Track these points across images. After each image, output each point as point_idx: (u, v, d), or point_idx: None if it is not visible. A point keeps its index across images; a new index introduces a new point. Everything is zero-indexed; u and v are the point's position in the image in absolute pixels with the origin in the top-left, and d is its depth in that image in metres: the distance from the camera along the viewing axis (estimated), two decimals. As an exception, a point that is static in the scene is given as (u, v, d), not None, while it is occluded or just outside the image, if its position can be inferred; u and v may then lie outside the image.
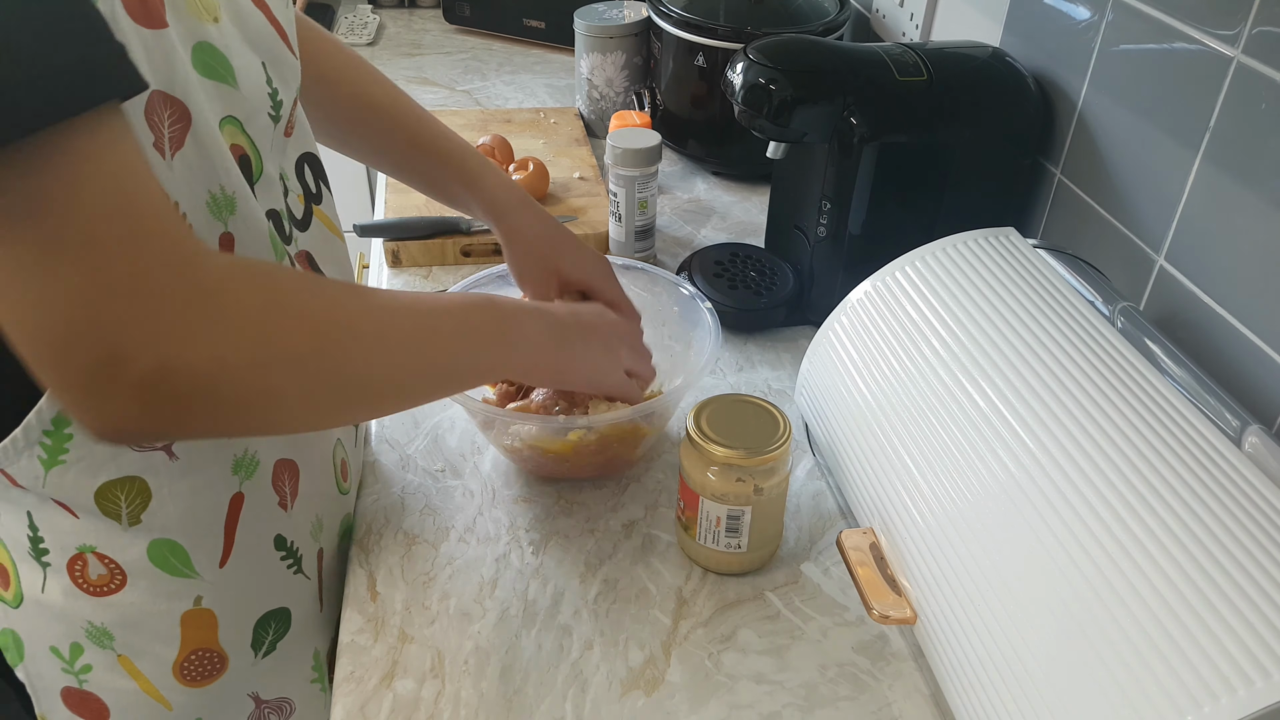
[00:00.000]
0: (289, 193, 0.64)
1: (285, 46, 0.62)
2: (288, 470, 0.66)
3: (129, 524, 0.59)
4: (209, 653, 0.65)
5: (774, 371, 0.94)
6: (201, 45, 0.53)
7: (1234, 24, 0.68)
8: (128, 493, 0.58)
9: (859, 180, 0.88)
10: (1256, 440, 0.54)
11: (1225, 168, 0.70)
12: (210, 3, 0.54)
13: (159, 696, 0.65)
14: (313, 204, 0.68)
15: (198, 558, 0.62)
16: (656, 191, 1.04)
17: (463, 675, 0.65)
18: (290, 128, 0.64)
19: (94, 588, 0.60)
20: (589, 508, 0.78)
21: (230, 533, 0.62)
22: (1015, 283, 0.68)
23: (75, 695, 0.65)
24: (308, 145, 0.68)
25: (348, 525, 0.75)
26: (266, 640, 0.67)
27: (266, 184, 0.60)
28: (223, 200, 0.54)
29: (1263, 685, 0.43)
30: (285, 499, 0.66)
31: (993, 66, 0.92)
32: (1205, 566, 0.48)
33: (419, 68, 1.61)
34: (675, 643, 0.67)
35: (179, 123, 0.50)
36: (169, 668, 0.64)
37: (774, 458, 0.67)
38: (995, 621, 0.54)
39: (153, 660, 0.64)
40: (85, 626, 0.62)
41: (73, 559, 0.60)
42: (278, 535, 0.66)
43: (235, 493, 0.62)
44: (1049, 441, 0.57)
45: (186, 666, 0.64)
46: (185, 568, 0.61)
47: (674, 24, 1.20)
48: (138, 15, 0.47)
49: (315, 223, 0.68)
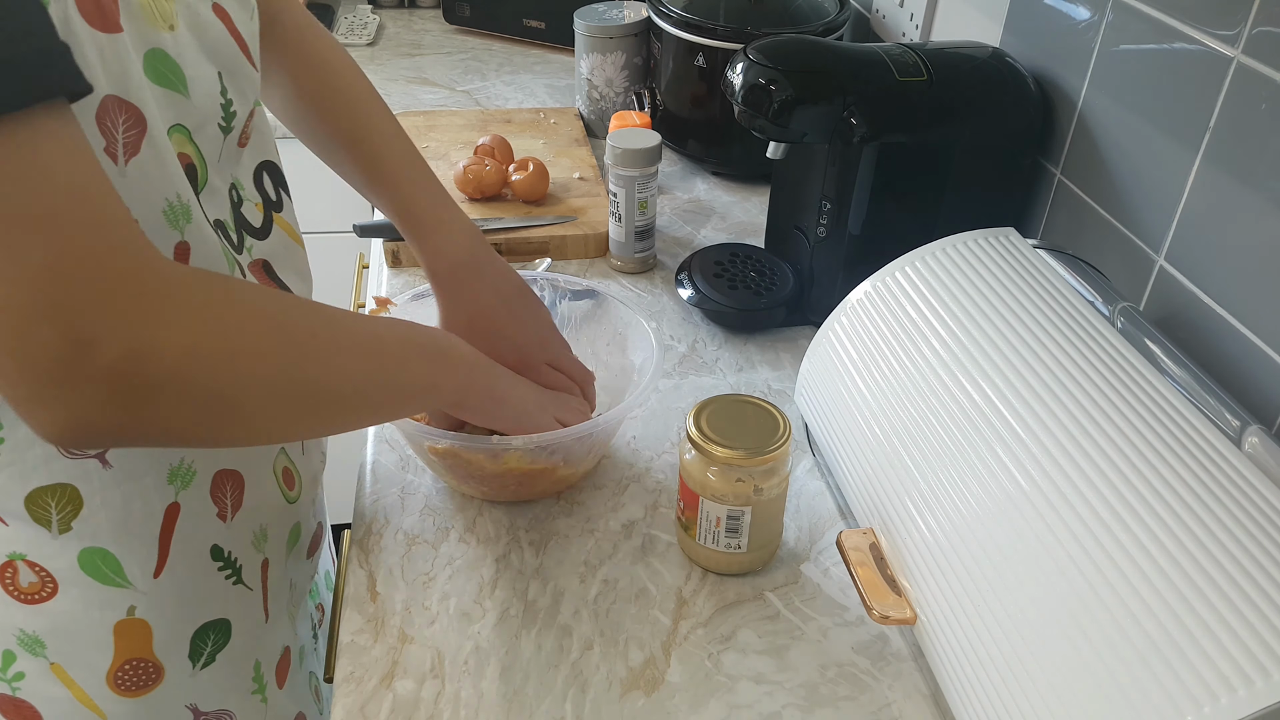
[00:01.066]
0: (243, 202, 0.63)
1: (245, 58, 0.62)
2: (230, 480, 0.64)
3: (59, 531, 0.58)
4: (144, 663, 0.64)
5: (774, 371, 0.94)
6: (154, 52, 0.53)
7: (1234, 24, 0.68)
8: (58, 500, 0.57)
9: (859, 180, 0.88)
10: (1256, 440, 0.54)
11: (1225, 168, 0.70)
12: (166, 10, 0.54)
13: (93, 706, 0.63)
14: (273, 211, 0.67)
15: (130, 567, 0.60)
16: (656, 191, 1.04)
17: (463, 675, 0.65)
18: (246, 137, 0.63)
19: (25, 595, 0.59)
20: (589, 508, 0.78)
21: (165, 543, 0.61)
22: (1015, 283, 0.68)
23: (8, 703, 0.64)
24: (267, 153, 0.67)
25: (296, 534, 0.74)
26: (205, 651, 0.66)
27: (211, 194, 0.59)
28: (179, 208, 0.53)
29: (1263, 685, 0.43)
30: (225, 510, 0.64)
31: (993, 66, 0.92)
32: (1205, 566, 0.48)
33: (419, 68, 1.61)
34: (675, 643, 0.67)
35: (134, 128, 0.50)
36: (103, 677, 0.63)
37: (774, 458, 0.67)
38: (995, 621, 0.54)
39: (86, 669, 0.62)
40: (17, 634, 0.61)
41: (3, 565, 0.58)
42: (214, 546, 0.64)
43: (171, 502, 0.61)
44: (1049, 442, 0.57)
45: (121, 676, 0.63)
46: (117, 577, 0.60)
47: (674, 24, 1.20)
48: (92, 19, 0.47)
49: (276, 230, 0.67)
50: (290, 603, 0.75)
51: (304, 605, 0.80)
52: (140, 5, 0.52)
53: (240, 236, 0.63)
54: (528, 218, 1.11)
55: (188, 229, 0.54)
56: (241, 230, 0.63)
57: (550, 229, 1.09)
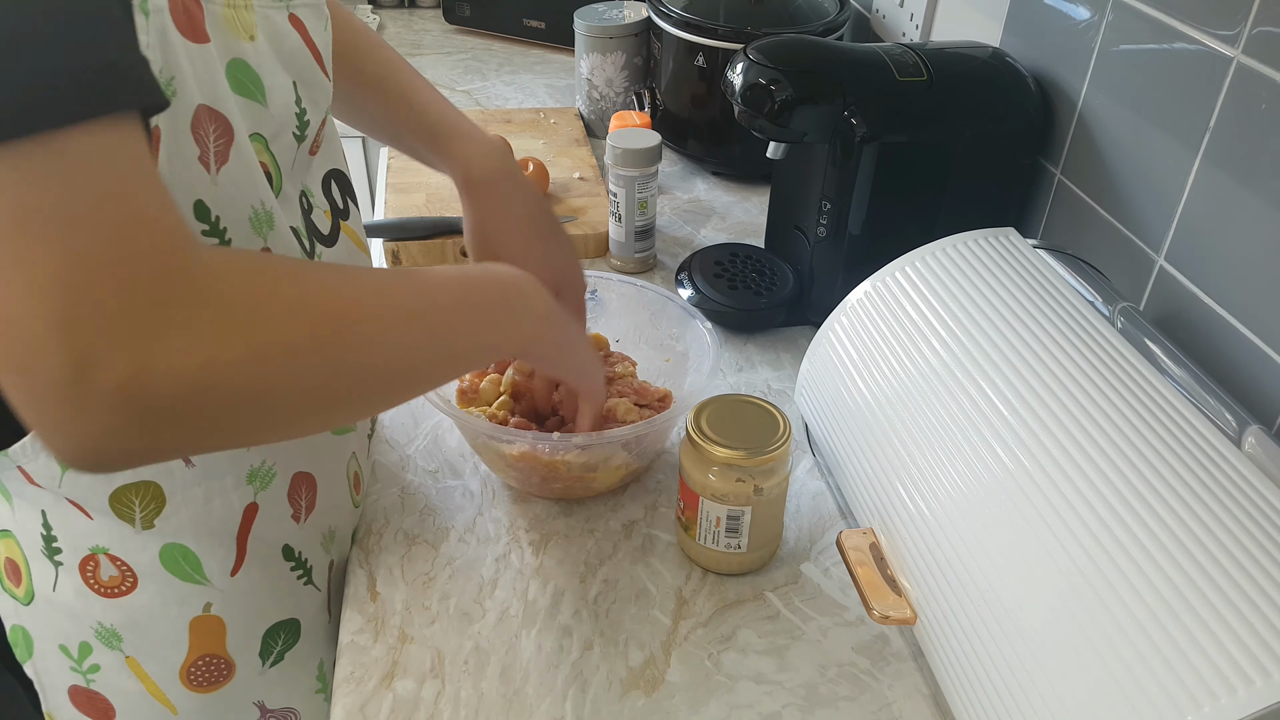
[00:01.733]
0: (313, 209, 0.64)
1: (319, 68, 0.62)
2: (305, 483, 0.66)
3: (142, 527, 0.59)
4: (216, 659, 0.65)
5: (774, 371, 0.94)
6: (236, 62, 0.53)
7: (1234, 24, 0.68)
8: (142, 497, 0.57)
9: (859, 180, 0.88)
10: (1256, 440, 0.55)
11: (1225, 168, 0.70)
12: (248, 21, 0.55)
13: (164, 700, 0.65)
14: (340, 219, 0.67)
15: (209, 565, 0.62)
16: (656, 192, 1.04)
17: (463, 675, 0.65)
18: (317, 146, 0.64)
19: (105, 588, 0.61)
20: (589, 507, 0.78)
21: (243, 542, 0.63)
22: (1015, 283, 0.68)
23: (82, 694, 0.65)
24: (335, 162, 0.67)
25: (356, 537, 0.75)
26: (275, 650, 0.68)
27: (285, 201, 0.59)
28: (263, 216, 0.54)
29: (1263, 685, 0.43)
30: (299, 511, 0.66)
31: (993, 66, 0.92)
32: (1205, 566, 0.48)
33: (419, 68, 1.60)
34: (675, 643, 0.67)
35: (223, 137, 0.50)
36: (176, 672, 0.64)
37: (774, 458, 0.67)
38: (995, 621, 0.54)
39: (160, 663, 0.64)
40: (95, 626, 0.62)
41: (85, 559, 0.60)
42: (286, 546, 0.66)
43: (250, 502, 0.62)
44: (1049, 441, 0.57)
45: (193, 672, 0.65)
46: (196, 574, 0.62)
47: (674, 24, 1.20)
48: (185, 30, 0.47)
49: (342, 238, 0.68)
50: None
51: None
52: (224, 16, 0.52)
53: (311, 244, 0.63)
54: (528, 218, 1.11)
55: (270, 235, 0.55)
56: (312, 237, 0.63)
57: (550, 229, 1.09)
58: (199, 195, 0.49)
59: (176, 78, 0.47)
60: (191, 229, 0.49)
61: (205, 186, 0.49)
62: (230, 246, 0.53)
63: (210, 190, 0.49)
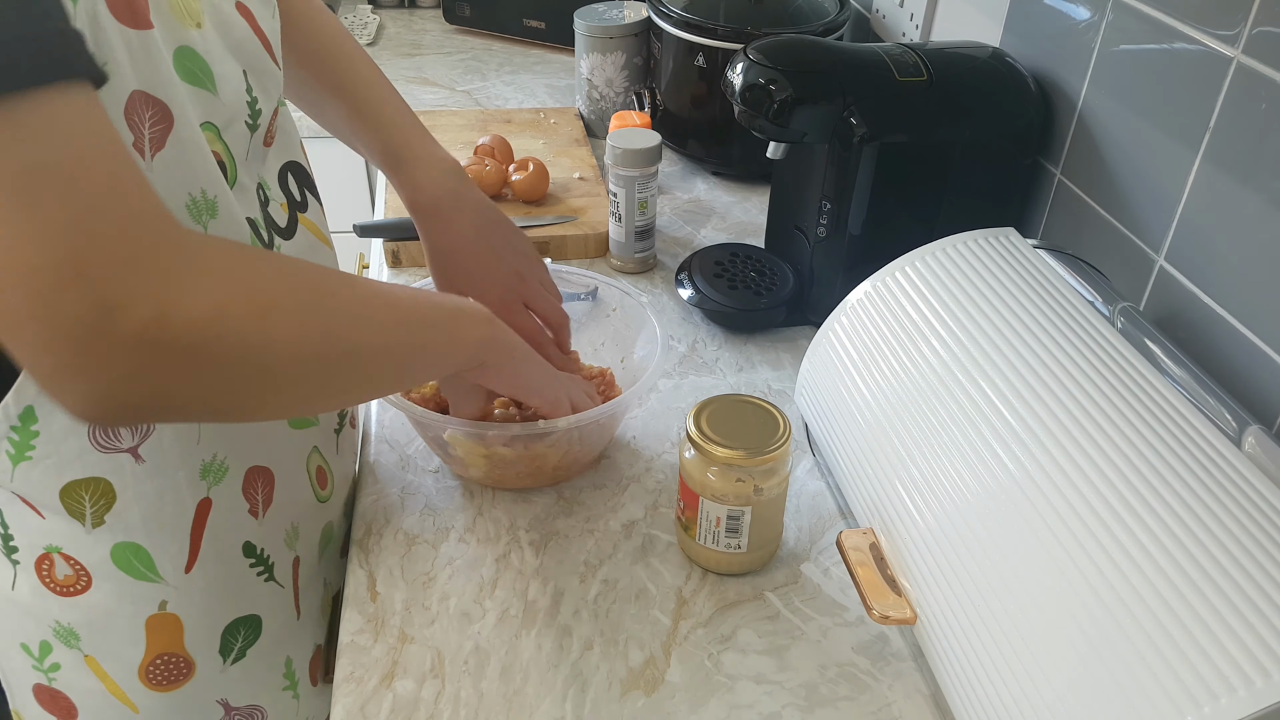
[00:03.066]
0: (270, 201, 0.64)
1: (268, 56, 0.62)
2: (261, 477, 0.65)
3: (93, 525, 0.58)
4: (175, 657, 0.64)
5: (774, 371, 0.94)
6: (183, 50, 0.53)
7: (1234, 24, 0.68)
8: (92, 493, 0.57)
9: (859, 180, 0.88)
10: (1256, 440, 0.55)
11: (1225, 168, 0.70)
12: (194, 8, 0.54)
13: (125, 699, 0.64)
14: (298, 212, 0.67)
15: (162, 562, 0.61)
16: (656, 191, 1.04)
17: (463, 675, 0.65)
18: (270, 137, 0.63)
19: (61, 587, 0.60)
20: (589, 508, 0.78)
21: (197, 538, 0.62)
22: (1015, 283, 0.68)
23: (45, 692, 0.65)
24: (292, 154, 0.67)
25: (330, 534, 0.75)
26: (236, 647, 0.67)
27: (241, 192, 0.59)
28: (203, 204, 0.54)
29: (1263, 685, 0.43)
30: (256, 506, 0.65)
31: (993, 66, 0.92)
32: (1205, 566, 0.48)
33: (419, 68, 1.61)
34: (675, 643, 0.67)
35: (160, 124, 0.50)
36: (134, 670, 0.64)
37: (774, 458, 0.67)
38: (995, 621, 0.54)
39: (118, 662, 0.63)
40: (53, 625, 0.62)
41: (40, 558, 0.59)
42: (246, 542, 0.65)
43: (203, 498, 0.61)
44: (1049, 442, 0.57)
45: (152, 670, 0.64)
46: (149, 571, 0.61)
47: (674, 24, 1.20)
48: (122, 15, 0.47)
49: (301, 230, 0.67)
50: (326, 601, 0.76)
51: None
52: (169, 3, 0.52)
53: (270, 236, 0.63)
54: (528, 218, 1.11)
55: (211, 224, 0.55)
56: (270, 230, 0.63)
57: (550, 229, 1.09)
58: None
59: (110, 63, 0.47)
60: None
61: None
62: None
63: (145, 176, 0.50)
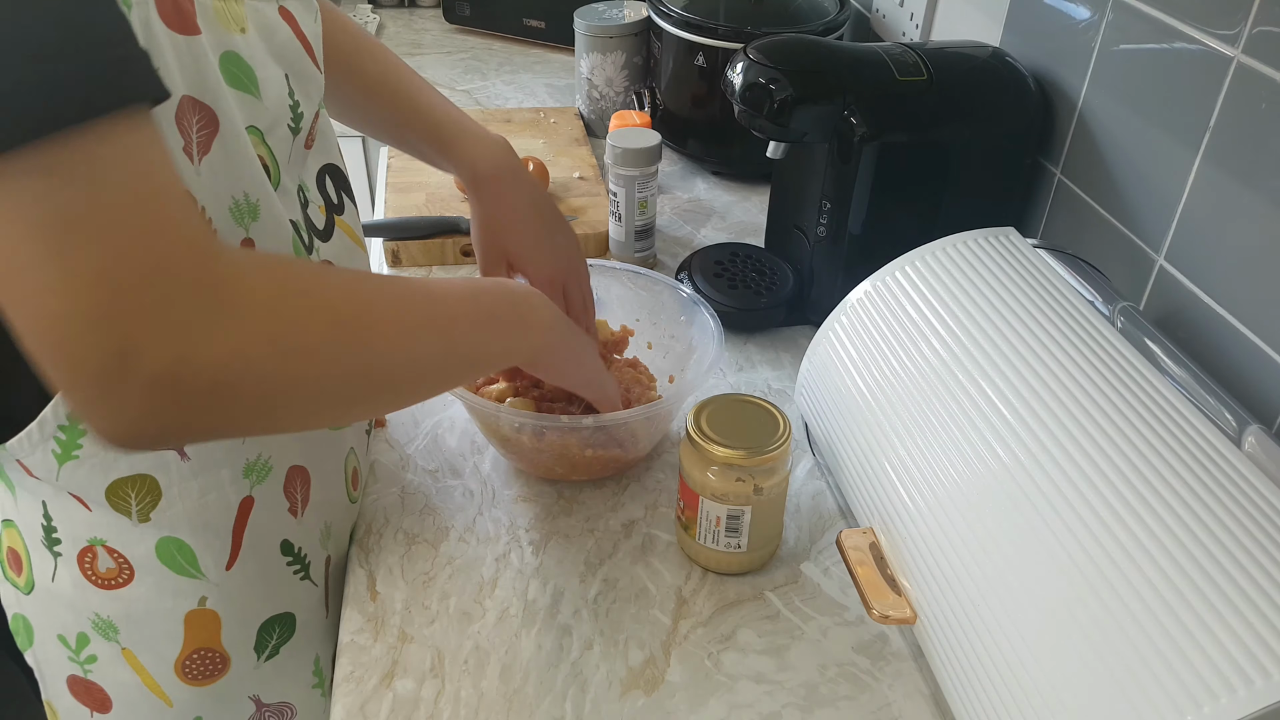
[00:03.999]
0: (309, 204, 0.64)
1: (310, 60, 0.62)
2: (300, 476, 0.66)
3: (139, 520, 0.59)
4: (211, 653, 0.65)
5: (774, 371, 0.94)
6: (228, 55, 0.54)
7: (1234, 24, 0.68)
8: (138, 490, 0.58)
9: (859, 180, 0.88)
10: (1256, 440, 0.55)
11: (1225, 168, 0.70)
12: (238, 13, 0.55)
13: (160, 692, 0.65)
14: (334, 215, 0.68)
15: (204, 558, 0.62)
16: (656, 191, 1.04)
17: (463, 675, 0.65)
18: (311, 140, 0.64)
19: (102, 580, 0.61)
20: (589, 507, 0.78)
21: (239, 536, 0.63)
22: (1015, 283, 0.68)
23: (80, 684, 0.66)
24: (330, 157, 0.68)
25: (354, 531, 0.75)
26: (270, 644, 0.68)
27: (283, 195, 0.60)
28: (246, 206, 0.54)
29: (1263, 685, 0.43)
30: (296, 505, 0.66)
31: (993, 66, 0.92)
32: (1205, 566, 0.48)
33: (419, 67, 1.60)
34: (675, 642, 0.67)
35: (207, 128, 0.51)
36: (171, 665, 0.64)
37: (774, 458, 0.67)
38: (995, 621, 0.54)
39: (155, 656, 0.64)
40: (92, 617, 0.62)
41: (83, 550, 0.60)
42: (285, 541, 0.66)
43: (245, 496, 0.62)
44: (1049, 441, 0.57)
45: (188, 665, 0.65)
46: (192, 567, 0.62)
47: (674, 24, 1.20)
48: (171, 21, 0.48)
49: (338, 233, 0.68)
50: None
51: None
52: (214, 8, 0.53)
53: (310, 239, 0.64)
54: (528, 217, 1.11)
55: (253, 226, 0.55)
56: (310, 232, 0.64)
57: (550, 229, 1.09)
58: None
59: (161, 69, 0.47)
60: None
61: (189, 176, 0.50)
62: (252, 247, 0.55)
63: (194, 180, 0.51)
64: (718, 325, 0.81)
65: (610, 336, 0.86)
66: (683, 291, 0.86)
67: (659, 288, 0.88)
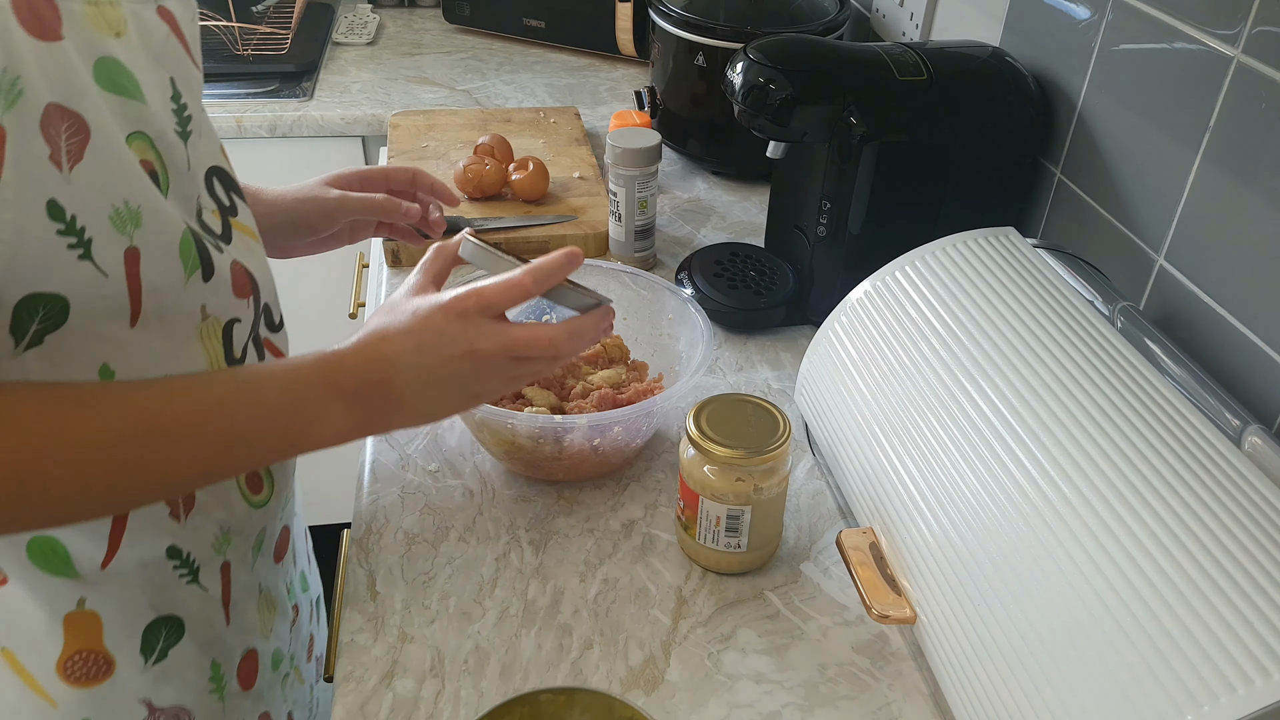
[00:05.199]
0: (203, 210, 0.63)
1: (189, 59, 0.61)
2: None
3: None
4: (94, 654, 0.63)
5: (774, 371, 0.94)
6: (105, 60, 0.52)
7: (1234, 24, 0.68)
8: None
9: (859, 180, 0.88)
10: (1256, 440, 0.55)
11: (1225, 168, 0.70)
12: (114, 17, 0.54)
13: (44, 694, 0.63)
14: (229, 217, 0.67)
15: (79, 558, 0.60)
16: (656, 191, 1.04)
17: (463, 675, 0.65)
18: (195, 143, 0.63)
19: None
20: (589, 507, 0.78)
21: (116, 536, 0.61)
22: (1015, 283, 0.68)
23: None
24: (214, 159, 0.66)
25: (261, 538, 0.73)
26: (157, 647, 0.66)
27: (181, 202, 0.59)
28: (127, 214, 0.53)
29: (1263, 685, 0.43)
30: (177, 509, 0.64)
31: (993, 66, 0.92)
32: (1205, 566, 0.48)
33: (419, 67, 1.61)
34: (675, 642, 0.67)
35: (76, 135, 0.49)
36: (53, 666, 0.63)
37: (774, 458, 0.67)
38: (995, 621, 0.54)
39: (37, 657, 0.62)
40: None
41: None
42: (170, 545, 0.64)
43: None
44: (1049, 441, 0.57)
45: (70, 666, 0.63)
46: (66, 567, 0.60)
47: (674, 24, 1.20)
48: (31, 28, 0.47)
49: (236, 234, 0.67)
50: (262, 606, 0.75)
51: (282, 608, 0.80)
52: (83, 14, 0.51)
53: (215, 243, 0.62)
54: (528, 217, 1.11)
55: (137, 234, 0.54)
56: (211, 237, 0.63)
57: (550, 228, 1.09)
58: (51, 195, 0.49)
59: (22, 76, 0.46)
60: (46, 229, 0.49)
61: (58, 185, 0.49)
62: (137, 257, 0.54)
63: (64, 189, 0.49)
64: (707, 324, 0.81)
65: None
66: (670, 289, 0.87)
67: (655, 286, 0.88)
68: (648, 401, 0.75)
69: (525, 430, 0.74)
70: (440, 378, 0.59)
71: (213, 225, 0.64)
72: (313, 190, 0.82)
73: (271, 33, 1.62)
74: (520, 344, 0.59)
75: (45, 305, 0.51)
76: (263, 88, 1.51)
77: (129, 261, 0.54)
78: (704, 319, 0.82)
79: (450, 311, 0.59)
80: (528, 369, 0.62)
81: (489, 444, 0.78)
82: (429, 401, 0.60)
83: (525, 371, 0.62)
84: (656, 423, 0.81)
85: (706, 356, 0.78)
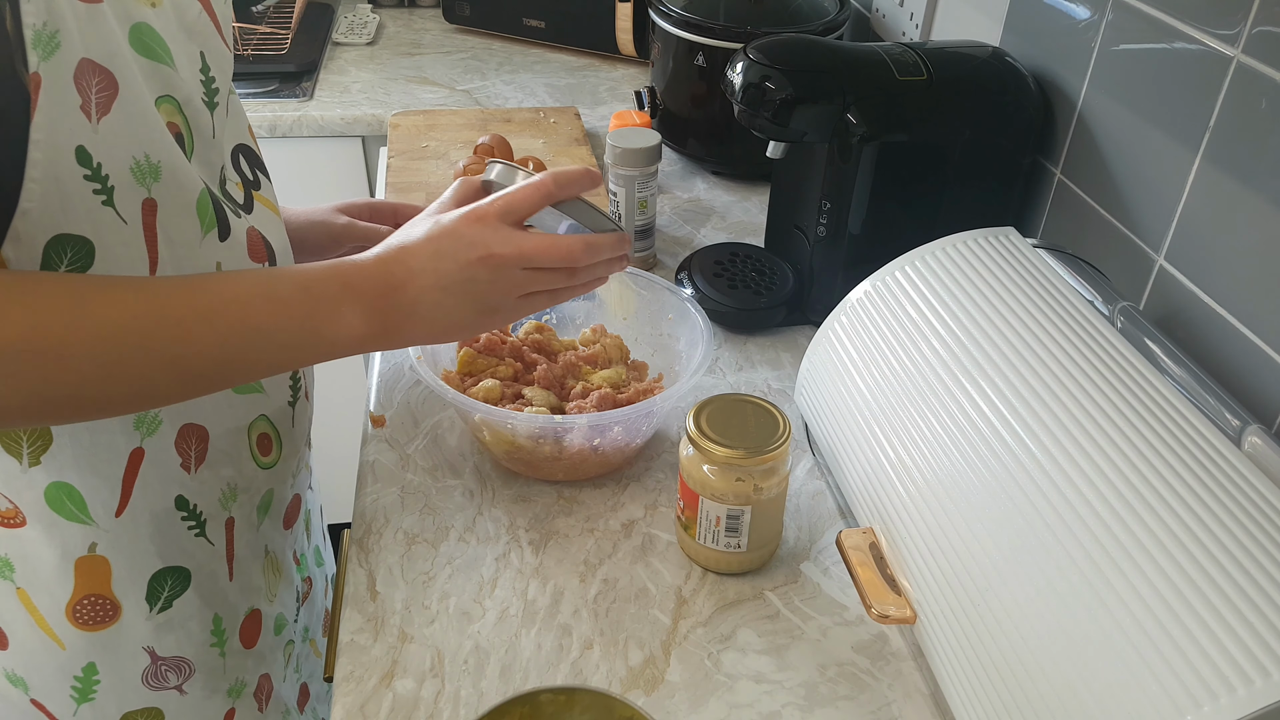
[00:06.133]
0: (227, 180, 0.66)
1: (220, 39, 0.65)
2: (195, 434, 0.66)
3: (29, 464, 0.59)
4: (101, 599, 0.65)
5: (774, 371, 0.94)
6: (139, 26, 0.56)
7: (1234, 24, 0.68)
8: (29, 433, 0.58)
9: (859, 180, 0.88)
10: (1256, 440, 0.55)
11: (1225, 168, 0.70)
12: None
13: (53, 634, 0.65)
14: (252, 190, 0.70)
15: (94, 504, 0.62)
16: (656, 191, 1.04)
17: (463, 675, 0.65)
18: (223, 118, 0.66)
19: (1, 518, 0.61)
20: (589, 507, 0.78)
21: (129, 484, 0.63)
22: (1015, 283, 0.68)
23: None
24: (241, 137, 0.70)
25: (269, 500, 0.74)
26: (162, 596, 0.68)
27: (205, 166, 0.62)
28: (147, 167, 0.56)
29: (1263, 685, 0.43)
30: (189, 461, 0.66)
31: (993, 66, 0.92)
32: (1205, 566, 0.48)
33: (419, 67, 1.61)
34: (675, 642, 0.67)
35: (106, 90, 0.52)
36: (62, 608, 0.65)
37: (774, 458, 0.67)
38: (995, 621, 0.54)
39: (47, 598, 0.64)
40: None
41: None
42: (179, 496, 0.66)
43: (136, 447, 0.62)
44: (1049, 441, 0.57)
45: (79, 610, 0.65)
46: (81, 513, 0.62)
47: (674, 24, 1.20)
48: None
49: (258, 205, 0.70)
50: (268, 569, 0.76)
51: (288, 574, 0.81)
52: None
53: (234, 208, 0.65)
54: (528, 217, 1.11)
55: (155, 187, 0.56)
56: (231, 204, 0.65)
57: (550, 228, 1.09)
58: (80, 141, 0.52)
59: (61, 31, 0.50)
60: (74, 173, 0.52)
61: (86, 134, 0.52)
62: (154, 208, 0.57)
63: (91, 137, 0.52)
64: (707, 324, 0.81)
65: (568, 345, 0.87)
66: (670, 289, 0.87)
67: (655, 286, 0.88)
68: (648, 401, 0.75)
69: (525, 430, 0.74)
70: (455, 283, 0.59)
71: (235, 195, 0.67)
72: (323, 215, 0.85)
73: (271, 33, 1.62)
74: (537, 250, 0.60)
75: (73, 247, 0.53)
76: (263, 88, 1.51)
77: (146, 211, 0.56)
78: (704, 319, 0.82)
79: (470, 216, 0.60)
80: (543, 282, 0.61)
81: (489, 444, 0.78)
82: (443, 310, 0.59)
83: (540, 286, 0.62)
84: (656, 423, 0.81)
85: (706, 356, 0.78)
